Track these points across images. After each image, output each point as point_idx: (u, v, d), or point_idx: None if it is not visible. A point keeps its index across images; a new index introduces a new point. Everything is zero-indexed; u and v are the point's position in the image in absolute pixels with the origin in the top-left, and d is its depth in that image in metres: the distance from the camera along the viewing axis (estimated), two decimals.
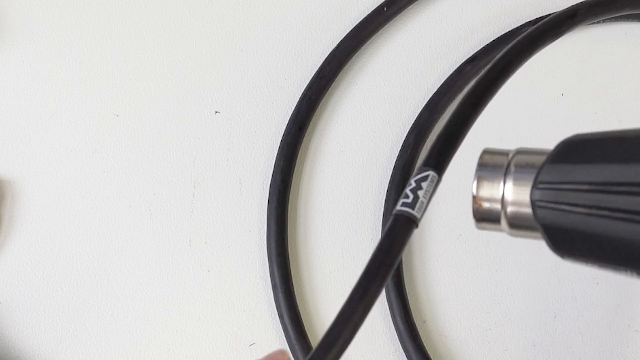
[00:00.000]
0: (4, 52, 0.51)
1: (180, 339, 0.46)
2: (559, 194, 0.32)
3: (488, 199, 0.34)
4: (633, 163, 0.31)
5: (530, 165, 0.33)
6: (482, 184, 0.34)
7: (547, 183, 0.32)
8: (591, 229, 0.31)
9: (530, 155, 0.34)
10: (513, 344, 0.45)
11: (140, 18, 0.51)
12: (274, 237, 0.46)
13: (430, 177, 0.33)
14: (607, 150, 0.32)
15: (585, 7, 0.46)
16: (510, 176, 0.33)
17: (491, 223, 0.34)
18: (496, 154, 0.35)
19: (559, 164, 0.33)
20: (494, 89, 0.39)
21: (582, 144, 0.33)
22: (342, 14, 0.51)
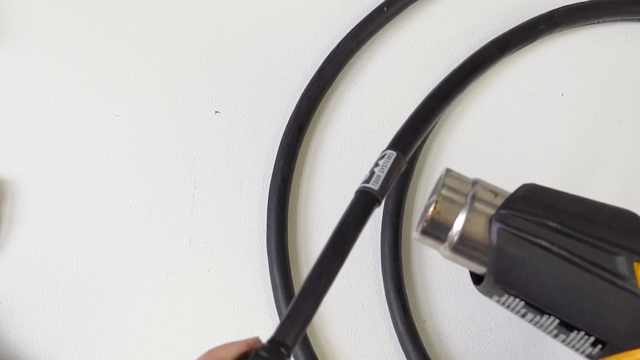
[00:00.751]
0: (4, 52, 0.51)
1: (180, 339, 0.46)
2: (523, 223, 0.33)
3: (443, 221, 0.35)
4: (592, 220, 0.33)
5: (493, 195, 0.35)
6: (442, 206, 0.35)
7: (515, 210, 0.33)
8: (542, 264, 0.33)
9: (491, 188, 0.35)
10: (513, 344, 0.45)
11: (140, 18, 0.51)
12: (274, 237, 0.46)
13: (387, 155, 0.35)
14: (570, 203, 0.34)
15: (562, 12, 0.48)
16: (469, 204, 0.34)
17: (435, 241, 0.35)
18: (459, 178, 0.36)
19: (528, 199, 0.34)
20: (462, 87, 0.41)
21: (547, 192, 0.35)
22: (342, 14, 0.51)
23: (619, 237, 0.32)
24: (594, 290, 0.32)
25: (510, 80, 0.50)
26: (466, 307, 0.46)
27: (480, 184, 0.35)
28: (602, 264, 0.32)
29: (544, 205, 0.33)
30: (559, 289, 0.33)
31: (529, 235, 0.33)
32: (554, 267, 0.33)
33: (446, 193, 0.35)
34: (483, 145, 0.49)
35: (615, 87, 0.49)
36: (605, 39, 0.50)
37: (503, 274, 0.34)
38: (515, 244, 0.33)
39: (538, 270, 0.33)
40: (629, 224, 0.33)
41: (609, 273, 0.32)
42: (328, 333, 0.45)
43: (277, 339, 0.30)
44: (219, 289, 0.46)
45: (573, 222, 0.33)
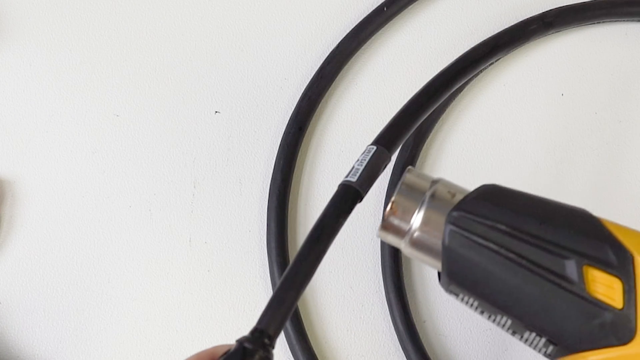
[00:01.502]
0: (4, 52, 0.51)
1: (180, 338, 0.46)
2: (474, 225, 0.33)
3: (401, 216, 0.35)
4: (546, 223, 0.33)
5: (449, 197, 0.35)
6: (400, 202, 0.35)
7: (467, 212, 0.34)
8: (491, 266, 0.33)
9: (451, 187, 0.36)
10: (513, 344, 0.45)
11: (140, 18, 0.51)
12: (274, 237, 0.46)
13: (367, 149, 0.36)
14: (526, 205, 0.34)
15: (555, 12, 0.48)
16: (427, 202, 0.35)
17: (395, 236, 0.36)
18: (420, 177, 0.36)
19: (483, 200, 0.34)
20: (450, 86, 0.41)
21: (505, 193, 0.35)
22: (342, 14, 0.51)
23: (571, 240, 0.33)
24: (543, 293, 0.32)
25: (510, 80, 0.50)
26: (466, 307, 0.46)
27: (441, 182, 0.36)
28: (550, 267, 0.32)
29: (497, 207, 0.34)
30: (508, 291, 0.33)
31: (479, 238, 0.33)
32: (502, 269, 0.33)
33: (404, 191, 0.35)
34: (483, 145, 0.49)
35: (615, 87, 0.49)
36: (605, 39, 0.50)
37: (454, 274, 0.34)
38: (466, 246, 0.34)
39: (488, 272, 0.33)
40: (582, 226, 0.33)
41: (558, 277, 0.32)
42: (328, 333, 0.45)
43: (259, 329, 0.30)
44: (219, 289, 0.46)
45: (524, 225, 0.33)
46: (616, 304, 0.32)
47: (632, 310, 0.32)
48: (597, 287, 0.32)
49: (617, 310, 0.32)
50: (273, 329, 0.30)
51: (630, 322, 0.32)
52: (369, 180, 0.35)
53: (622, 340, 0.32)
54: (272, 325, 0.30)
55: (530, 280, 0.33)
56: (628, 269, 0.32)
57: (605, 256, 0.32)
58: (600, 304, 0.32)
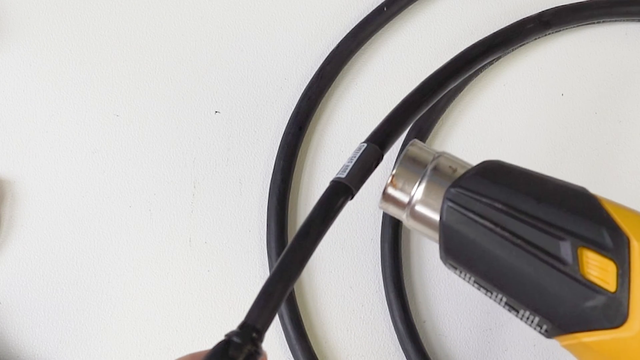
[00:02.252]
0: (4, 52, 0.51)
1: (180, 339, 0.46)
2: (471, 202, 0.34)
3: (402, 187, 0.36)
4: (543, 203, 0.33)
5: (450, 170, 0.35)
6: (401, 172, 0.36)
7: (464, 188, 0.34)
8: (487, 244, 0.33)
9: (453, 162, 0.36)
10: (513, 344, 0.45)
11: (140, 18, 0.51)
12: (274, 237, 0.46)
13: (358, 147, 0.37)
14: (526, 183, 0.34)
15: (552, 11, 0.48)
16: (429, 174, 0.35)
17: (396, 207, 0.36)
18: (422, 149, 0.36)
19: (482, 177, 0.35)
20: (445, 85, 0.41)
21: (506, 170, 0.35)
22: (342, 14, 0.51)
23: (567, 221, 0.32)
24: (536, 272, 0.32)
25: (510, 80, 0.50)
26: (466, 307, 0.46)
27: (443, 156, 0.36)
28: (545, 247, 0.32)
29: (496, 185, 0.34)
30: (502, 268, 0.33)
31: (475, 215, 0.33)
32: (497, 247, 0.33)
33: (406, 163, 0.36)
34: (483, 145, 0.49)
35: (615, 87, 0.49)
36: (605, 39, 0.50)
37: (450, 250, 0.35)
38: (462, 223, 0.34)
39: (483, 249, 0.33)
40: (580, 206, 0.33)
41: (552, 257, 0.32)
42: (328, 333, 0.45)
43: (248, 324, 0.30)
44: (219, 289, 0.46)
45: (521, 204, 0.33)
46: (609, 287, 0.32)
47: (625, 294, 0.31)
48: (591, 269, 0.32)
49: (610, 293, 0.32)
50: (261, 323, 0.30)
51: (622, 305, 0.31)
52: (359, 176, 0.35)
53: (614, 324, 0.31)
54: (261, 320, 0.30)
55: (524, 260, 0.33)
56: (623, 253, 0.32)
57: (600, 238, 0.32)
58: (593, 287, 0.32)
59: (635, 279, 0.31)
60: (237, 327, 0.30)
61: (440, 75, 0.41)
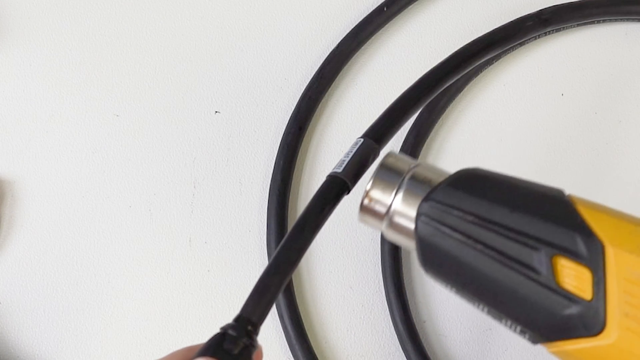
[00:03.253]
0: (4, 52, 0.51)
1: (180, 339, 0.46)
2: (444, 215, 0.33)
3: (379, 199, 0.35)
4: (517, 212, 0.33)
5: (426, 181, 0.35)
6: (377, 183, 0.35)
7: (437, 202, 0.34)
8: (461, 256, 0.33)
9: (430, 172, 0.36)
10: (513, 344, 0.45)
11: (140, 18, 0.51)
12: (274, 237, 0.46)
13: (355, 141, 0.37)
14: (499, 192, 0.34)
15: (552, 9, 0.48)
16: (405, 184, 0.35)
17: (374, 219, 0.36)
18: (399, 160, 0.36)
19: (454, 189, 0.34)
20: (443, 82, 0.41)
21: (480, 179, 0.35)
22: (342, 14, 0.51)
23: (540, 230, 0.32)
24: (512, 284, 0.32)
25: (510, 80, 0.50)
26: (466, 307, 0.46)
27: (420, 166, 0.36)
28: (519, 258, 0.32)
29: (469, 196, 0.33)
30: (478, 280, 0.33)
31: (448, 229, 0.33)
32: (472, 259, 0.33)
33: (382, 174, 0.35)
34: (483, 145, 0.49)
35: (615, 87, 0.49)
36: (605, 39, 0.50)
37: (427, 262, 0.34)
38: (436, 236, 0.34)
39: (458, 262, 0.33)
40: (554, 213, 0.33)
41: (526, 267, 0.32)
42: (328, 333, 0.45)
43: (243, 317, 0.30)
44: (219, 289, 0.46)
45: (494, 214, 0.33)
46: (585, 295, 0.31)
47: (602, 302, 0.31)
48: (566, 278, 0.31)
49: (586, 301, 0.31)
50: (257, 316, 0.30)
51: (599, 313, 0.31)
52: (355, 171, 0.35)
53: (592, 332, 0.31)
54: (256, 313, 0.30)
55: (499, 271, 0.32)
56: (597, 260, 0.31)
57: (574, 246, 0.32)
58: (569, 295, 0.31)
59: (611, 286, 0.31)
60: (232, 320, 0.30)
61: (439, 71, 0.41)
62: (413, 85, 0.40)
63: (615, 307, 0.31)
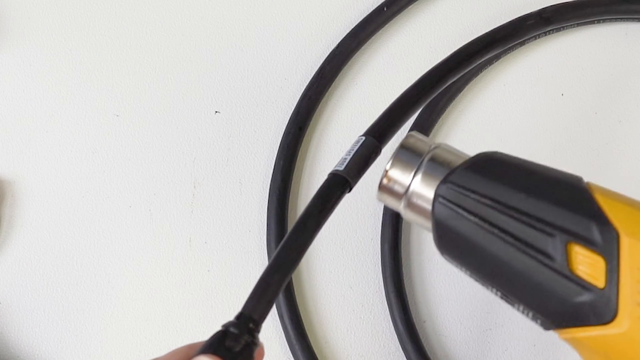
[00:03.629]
0: (4, 52, 0.51)
1: (180, 339, 0.46)
2: (461, 198, 0.33)
3: (397, 179, 0.35)
4: (533, 197, 0.33)
5: (445, 163, 0.35)
6: (397, 163, 0.36)
7: (455, 184, 0.34)
8: (476, 239, 0.33)
9: (449, 154, 0.36)
10: (513, 344, 0.45)
11: (140, 18, 0.51)
12: (274, 237, 0.46)
13: (357, 139, 0.37)
14: (517, 177, 0.34)
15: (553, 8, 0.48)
16: (424, 166, 0.35)
17: (392, 198, 0.36)
18: (419, 141, 0.36)
19: (472, 172, 0.34)
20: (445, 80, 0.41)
21: (499, 163, 0.35)
22: (342, 14, 0.51)
23: (556, 216, 0.32)
24: (526, 268, 0.32)
25: (510, 80, 0.50)
26: (466, 307, 0.46)
27: (440, 147, 0.36)
28: (534, 243, 0.32)
29: (487, 179, 0.34)
30: (493, 264, 0.33)
31: (464, 212, 0.33)
32: (487, 243, 0.33)
33: (402, 154, 0.36)
34: (483, 145, 0.48)
35: (615, 87, 0.49)
36: (605, 39, 0.50)
37: (443, 244, 0.35)
38: (452, 218, 0.34)
39: (474, 245, 0.33)
40: (570, 200, 0.33)
41: (541, 253, 0.32)
42: (328, 333, 0.45)
43: (245, 314, 0.30)
44: (219, 289, 0.46)
45: (511, 199, 0.33)
46: (598, 282, 0.31)
47: (614, 290, 0.31)
48: (580, 265, 0.31)
49: (599, 289, 0.31)
50: (258, 314, 0.30)
51: (611, 302, 0.31)
52: (356, 169, 0.35)
53: (604, 320, 0.31)
54: (258, 310, 0.30)
55: (513, 255, 0.32)
56: (612, 248, 0.31)
57: (590, 234, 0.32)
58: (582, 283, 0.31)
59: (624, 274, 0.31)
60: (234, 318, 0.30)
61: (440, 69, 0.41)
62: (414, 84, 0.40)
63: (627, 296, 0.31)
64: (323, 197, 0.34)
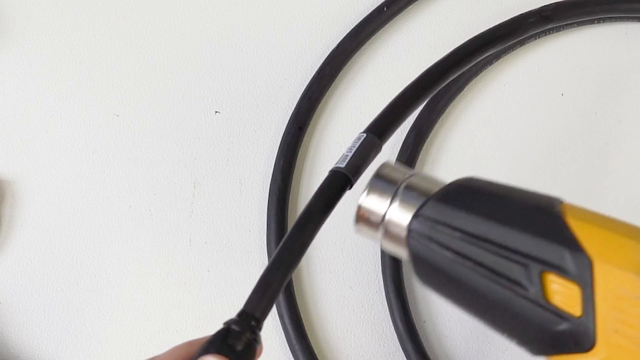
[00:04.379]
0: (4, 52, 0.51)
1: (180, 339, 0.45)
2: (433, 232, 0.33)
3: (373, 210, 0.35)
4: (506, 227, 0.32)
5: (420, 192, 0.34)
6: (371, 195, 0.35)
7: (426, 218, 0.33)
8: (451, 272, 0.33)
9: (424, 182, 0.35)
10: (513, 345, 0.45)
11: (140, 18, 0.51)
12: (274, 237, 0.46)
13: (357, 137, 0.36)
14: (489, 206, 0.33)
15: (553, 6, 0.47)
16: (399, 195, 0.34)
17: (369, 229, 0.35)
18: (394, 170, 0.36)
19: (444, 203, 0.33)
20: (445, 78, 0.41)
21: (471, 191, 0.34)
22: (342, 14, 0.51)
23: (530, 246, 0.32)
24: (502, 300, 0.32)
25: (510, 80, 0.50)
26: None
27: (415, 176, 0.35)
28: (508, 274, 0.32)
29: (459, 210, 0.33)
30: (470, 296, 0.33)
31: (437, 246, 0.33)
32: (462, 276, 0.32)
33: (377, 185, 0.35)
34: (483, 145, 0.49)
35: (615, 87, 0.49)
36: (605, 39, 0.50)
37: (421, 277, 0.34)
38: (427, 252, 0.33)
39: (449, 277, 0.33)
40: (543, 227, 0.32)
41: (515, 284, 0.31)
42: (328, 333, 0.45)
43: (247, 312, 0.30)
44: (219, 289, 0.46)
45: (484, 230, 0.32)
46: (575, 311, 0.31)
47: (591, 319, 0.30)
48: (555, 294, 0.31)
49: (575, 318, 0.31)
50: (260, 312, 0.30)
51: (589, 329, 0.30)
52: (357, 166, 0.35)
53: (583, 348, 0.31)
54: (259, 308, 0.30)
55: (489, 288, 0.32)
56: (586, 276, 0.31)
57: (563, 262, 0.31)
58: (558, 312, 0.31)
59: (600, 302, 0.30)
60: (235, 315, 0.30)
61: (440, 67, 0.41)
62: (415, 81, 0.40)
63: (604, 323, 0.30)
64: (324, 194, 0.34)
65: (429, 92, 0.40)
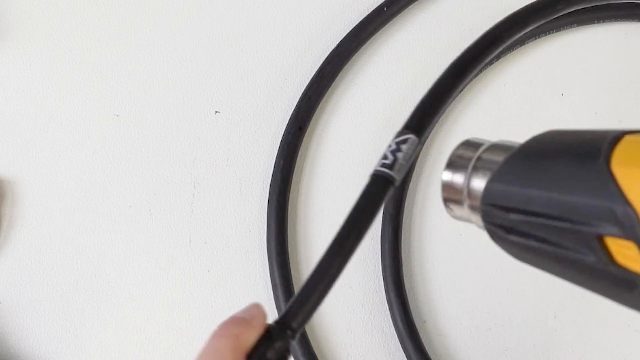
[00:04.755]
0: (4, 52, 0.51)
1: (180, 339, 0.46)
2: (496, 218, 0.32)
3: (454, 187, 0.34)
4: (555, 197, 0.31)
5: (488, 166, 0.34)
6: (448, 173, 0.35)
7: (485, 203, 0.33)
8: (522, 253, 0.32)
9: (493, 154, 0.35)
10: (513, 344, 0.45)
11: (140, 18, 0.51)
12: (274, 237, 0.46)
13: (410, 140, 0.34)
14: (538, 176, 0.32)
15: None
16: (470, 174, 0.34)
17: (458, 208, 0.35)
18: (470, 147, 0.35)
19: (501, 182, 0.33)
20: (481, 59, 0.39)
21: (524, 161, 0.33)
22: (342, 14, 0.51)
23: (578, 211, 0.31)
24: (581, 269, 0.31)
25: (510, 80, 0.50)
26: (466, 307, 0.46)
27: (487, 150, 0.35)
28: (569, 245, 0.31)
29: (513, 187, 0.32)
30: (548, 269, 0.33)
31: (502, 231, 0.33)
32: (532, 254, 0.32)
33: (453, 164, 0.35)
34: None
35: (615, 87, 0.49)
36: (605, 39, 0.50)
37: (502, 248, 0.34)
38: (496, 237, 0.33)
39: (522, 256, 0.33)
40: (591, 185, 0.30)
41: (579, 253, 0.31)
42: (328, 333, 0.45)
43: (283, 321, 0.30)
44: (219, 289, 0.46)
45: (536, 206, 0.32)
46: None
47: None
48: (618, 256, 0.30)
49: None
50: (298, 323, 0.30)
51: None
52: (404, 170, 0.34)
53: None
54: (297, 318, 0.30)
55: (560, 263, 0.31)
56: (636, 231, 0.29)
57: (611, 222, 0.30)
58: (627, 273, 0.30)
59: None
60: (272, 323, 0.30)
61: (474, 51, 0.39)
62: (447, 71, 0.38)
63: None
64: (375, 202, 0.33)
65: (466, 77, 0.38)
